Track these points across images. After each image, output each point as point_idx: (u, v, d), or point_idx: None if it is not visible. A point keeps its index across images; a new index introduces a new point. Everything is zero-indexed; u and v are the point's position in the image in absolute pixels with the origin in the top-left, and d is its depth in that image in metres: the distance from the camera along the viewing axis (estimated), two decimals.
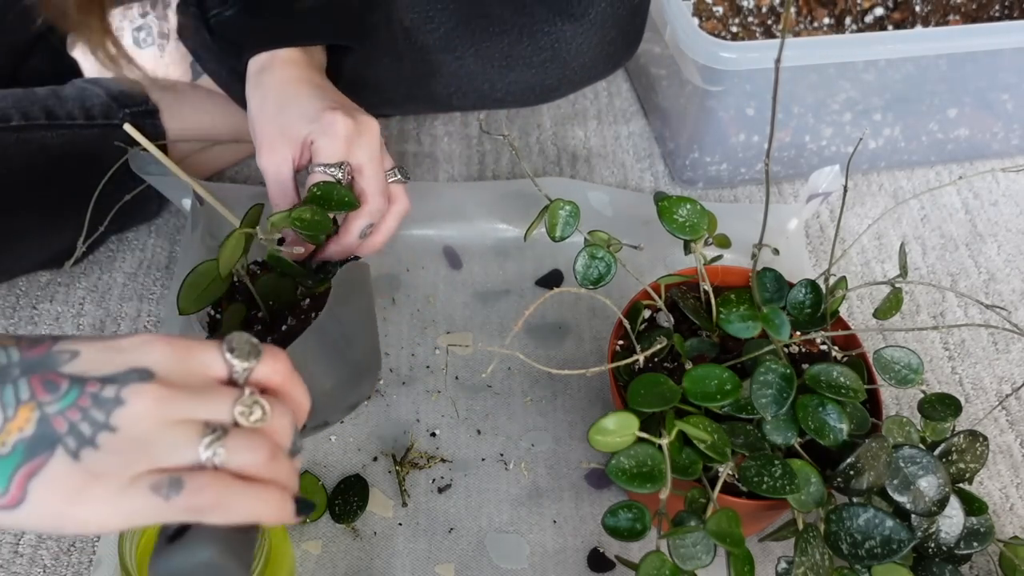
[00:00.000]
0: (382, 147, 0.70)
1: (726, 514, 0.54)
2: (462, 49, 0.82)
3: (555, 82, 0.86)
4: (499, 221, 0.91)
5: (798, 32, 1.00)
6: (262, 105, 0.69)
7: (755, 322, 0.61)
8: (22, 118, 0.77)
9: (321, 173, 0.67)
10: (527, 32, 0.82)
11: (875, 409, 0.66)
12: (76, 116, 0.80)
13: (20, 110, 0.77)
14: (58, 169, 0.79)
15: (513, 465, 0.76)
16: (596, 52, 0.84)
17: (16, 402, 0.38)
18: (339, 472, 0.75)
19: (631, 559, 0.57)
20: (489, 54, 0.82)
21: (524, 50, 0.82)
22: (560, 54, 0.82)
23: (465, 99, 0.88)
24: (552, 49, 0.82)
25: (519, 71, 0.84)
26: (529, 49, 0.82)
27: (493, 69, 0.83)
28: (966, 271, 0.93)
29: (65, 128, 0.79)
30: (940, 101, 0.95)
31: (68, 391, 0.39)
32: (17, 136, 0.76)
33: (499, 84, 0.85)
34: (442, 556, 0.71)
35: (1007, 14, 1.03)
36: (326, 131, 0.67)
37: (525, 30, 0.81)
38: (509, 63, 0.83)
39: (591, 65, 0.85)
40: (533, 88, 0.86)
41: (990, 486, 0.78)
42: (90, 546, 0.71)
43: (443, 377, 0.81)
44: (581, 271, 0.64)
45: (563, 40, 0.82)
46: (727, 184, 1.00)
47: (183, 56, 0.88)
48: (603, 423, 0.56)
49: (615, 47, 0.85)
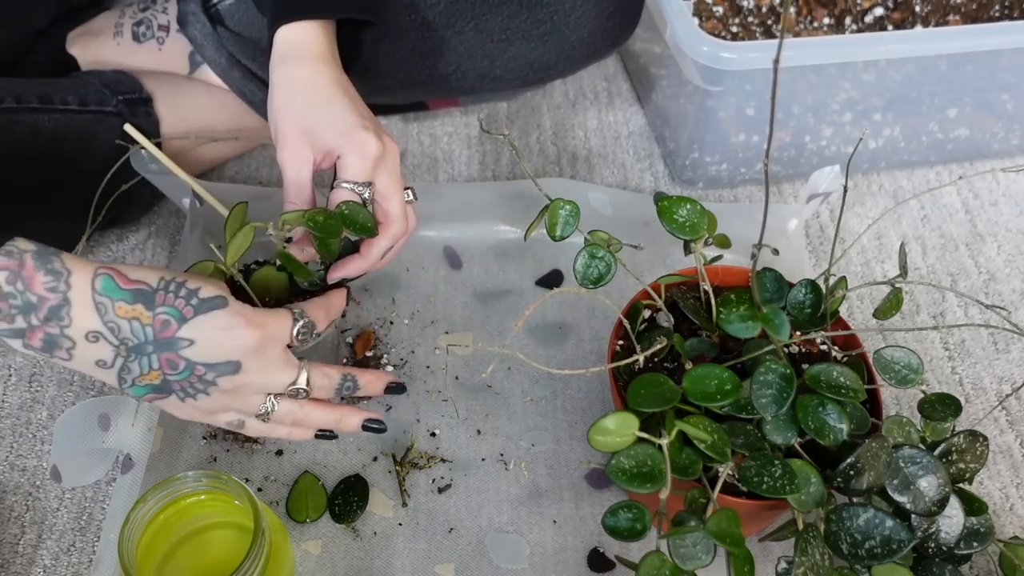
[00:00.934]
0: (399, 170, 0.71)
1: (726, 514, 0.54)
2: (462, 23, 0.83)
3: (553, 57, 0.86)
4: (499, 221, 0.91)
5: (798, 32, 1.00)
6: (289, 100, 0.69)
7: (755, 322, 0.61)
8: (15, 100, 0.77)
9: (349, 191, 0.67)
10: (526, 4, 0.83)
11: (875, 409, 0.66)
12: (70, 102, 0.80)
13: (13, 94, 0.77)
14: (50, 153, 0.79)
15: (513, 465, 0.76)
16: (594, 26, 0.85)
17: (150, 368, 0.56)
18: (339, 472, 0.75)
19: (631, 559, 0.57)
20: (488, 27, 0.83)
21: (523, 23, 0.83)
22: (559, 27, 0.83)
23: (464, 78, 0.88)
24: (551, 22, 0.83)
25: (518, 45, 0.84)
26: (528, 22, 0.83)
27: (492, 43, 0.84)
28: (966, 271, 0.93)
29: (58, 112, 0.79)
30: (940, 101, 0.95)
31: (183, 370, 0.57)
32: (9, 118, 0.76)
33: (498, 60, 0.86)
34: (442, 556, 0.71)
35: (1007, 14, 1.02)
36: (358, 150, 0.67)
37: (524, 2, 0.82)
38: (508, 36, 0.84)
39: (590, 41, 0.86)
40: (532, 64, 0.87)
41: (990, 486, 0.78)
42: (90, 546, 0.71)
43: (443, 377, 0.81)
44: (581, 271, 0.64)
45: (561, 12, 0.83)
46: (727, 184, 1.00)
47: (182, 50, 0.88)
48: (603, 423, 0.56)
49: (613, 22, 0.86)
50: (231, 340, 0.57)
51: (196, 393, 0.58)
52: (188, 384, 0.58)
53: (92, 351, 0.55)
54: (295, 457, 0.76)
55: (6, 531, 0.72)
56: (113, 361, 0.56)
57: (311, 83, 0.69)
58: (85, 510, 0.73)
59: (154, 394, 0.58)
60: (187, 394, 0.58)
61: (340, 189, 0.67)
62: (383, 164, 0.68)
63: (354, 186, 0.67)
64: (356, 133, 0.67)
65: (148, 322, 0.55)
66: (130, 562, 0.56)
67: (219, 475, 0.60)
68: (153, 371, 0.56)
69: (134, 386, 0.57)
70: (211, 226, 0.86)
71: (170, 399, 0.59)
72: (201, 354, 0.57)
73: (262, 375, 0.59)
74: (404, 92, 0.92)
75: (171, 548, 0.61)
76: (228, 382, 0.58)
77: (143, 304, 0.55)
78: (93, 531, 0.72)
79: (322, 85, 0.69)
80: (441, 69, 0.87)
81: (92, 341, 0.54)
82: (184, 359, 0.56)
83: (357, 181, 0.67)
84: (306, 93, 0.69)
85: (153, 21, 0.89)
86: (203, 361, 0.57)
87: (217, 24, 0.84)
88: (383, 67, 0.85)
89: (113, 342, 0.55)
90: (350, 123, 0.68)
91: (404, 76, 0.87)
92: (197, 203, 0.85)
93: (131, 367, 0.56)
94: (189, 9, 0.84)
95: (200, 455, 0.76)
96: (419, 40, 0.84)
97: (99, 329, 0.54)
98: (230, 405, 0.60)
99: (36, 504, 0.73)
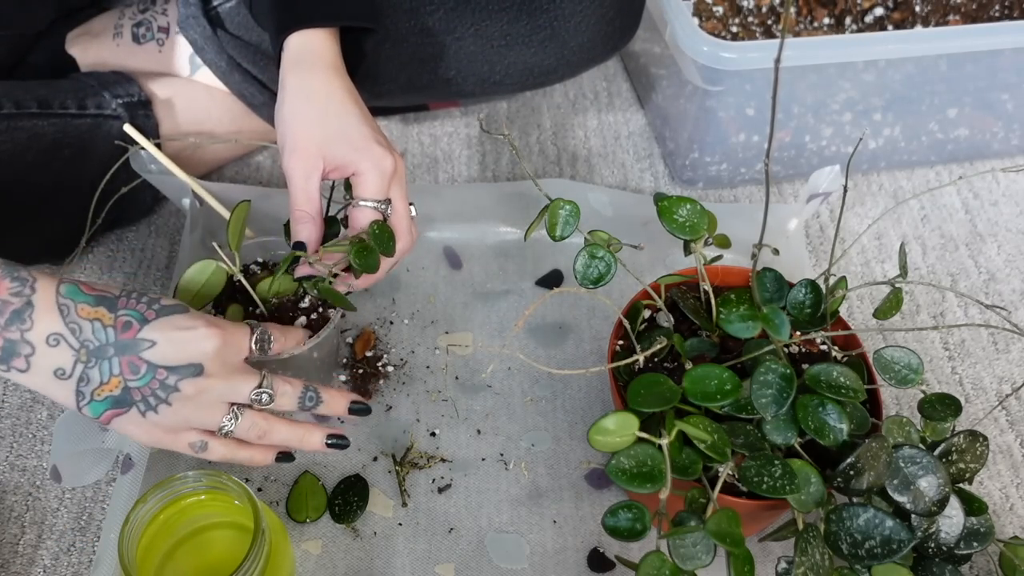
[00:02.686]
0: None
1: (726, 514, 0.54)
2: (462, 29, 0.83)
3: (553, 63, 0.86)
4: (499, 221, 0.91)
5: (798, 32, 1.00)
6: (302, 108, 0.68)
7: (755, 322, 0.61)
8: (14, 106, 0.77)
9: (372, 210, 0.68)
10: (526, 9, 0.82)
11: (875, 409, 0.66)
12: (68, 106, 0.80)
13: (12, 99, 0.77)
14: (50, 157, 0.79)
15: (513, 465, 0.76)
16: (594, 31, 0.85)
17: (110, 375, 0.56)
18: (339, 472, 0.75)
19: (631, 559, 0.57)
20: (488, 33, 0.83)
21: (523, 28, 0.83)
22: (559, 32, 0.83)
23: (464, 83, 0.88)
24: (551, 27, 0.83)
25: (518, 51, 0.84)
26: (528, 27, 0.83)
27: (492, 49, 0.84)
28: (966, 271, 0.93)
29: (57, 117, 0.79)
30: (940, 101, 0.95)
31: (145, 374, 0.56)
32: (8, 123, 0.76)
33: (498, 65, 0.86)
34: (442, 556, 0.71)
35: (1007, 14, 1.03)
36: (376, 167, 0.67)
37: (524, 7, 0.82)
38: (508, 42, 0.84)
39: (589, 46, 0.86)
40: (532, 70, 0.87)
41: (990, 486, 0.78)
42: (90, 546, 0.71)
43: (443, 377, 0.81)
44: (581, 271, 0.64)
45: (561, 18, 0.83)
46: (727, 184, 1.00)
47: (182, 51, 0.88)
48: (603, 423, 0.56)
49: (613, 27, 0.86)
50: (192, 340, 0.57)
51: (157, 404, 0.57)
52: (149, 392, 0.56)
53: (51, 357, 0.54)
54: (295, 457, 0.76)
55: (6, 531, 0.72)
56: (72, 369, 0.55)
57: (325, 93, 0.69)
58: (85, 510, 0.73)
59: (114, 409, 0.56)
60: (148, 405, 0.57)
61: (363, 208, 0.68)
62: (395, 180, 0.69)
63: (376, 204, 0.68)
64: (372, 148, 0.67)
65: (110, 323, 0.55)
66: (130, 562, 0.56)
67: (219, 475, 0.60)
68: (114, 378, 0.55)
69: (92, 402, 0.56)
70: (211, 226, 0.86)
71: (130, 413, 0.57)
72: (162, 356, 0.56)
73: (224, 380, 0.59)
74: (404, 97, 0.93)
75: (171, 548, 0.61)
76: (190, 386, 0.57)
77: (106, 307, 0.56)
78: (93, 531, 0.72)
79: (336, 96, 0.69)
80: (441, 74, 0.86)
81: (52, 345, 0.54)
82: (146, 362, 0.56)
83: (378, 199, 0.68)
84: (320, 102, 0.68)
85: (153, 23, 0.89)
86: (165, 363, 0.56)
87: (217, 27, 0.84)
88: (383, 72, 0.85)
89: (74, 345, 0.54)
90: (364, 137, 0.68)
91: (404, 81, 0.87)
92: (197, 203, 0.85)
93: (91, 375, 0.55)
94: (189, 12, 0.84)
95: None
96: (419, 46, 0.84)
97: (60, 331, 0.54)
98: (191, 419, 0.59)
99: (36, 504, 0.73)
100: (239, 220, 0.67)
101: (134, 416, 0.57)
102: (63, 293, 0.55)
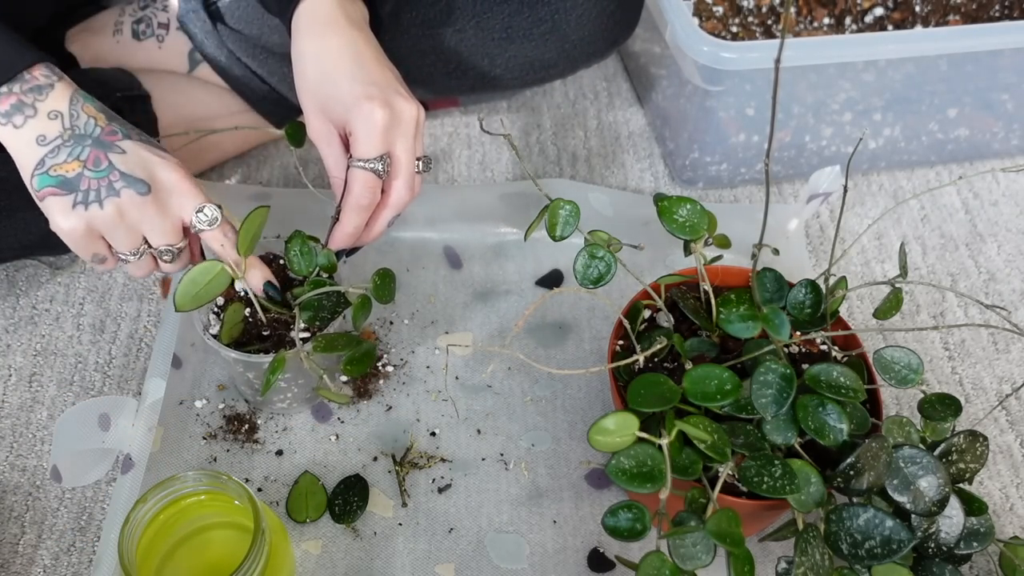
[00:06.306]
0: (418, 134, 0.69)
1: (726, 514, 0.54)
2: (463, 21, 0.82)
3: (554, 57, 0.86)
4: (499, 221, 0.91)
5: (798, 32, 1.00)
6: (301, 76, 0.69)
7: (755, 322, 0.61)
8: None
9: (360, 169, 0.67)
10: (527, 3, 0.82)
11: (875, 409, 0.66)
12: None
13: None
14: None
15: (513, 465, 0.76)
16: (595, 25, 0.85)
17: (75, 158, 0.62)
18: (339, 472, 0.75)
19: (631, 559, 0.57)
20: (489, 26, 0.83)
21: (524, 21, 0.83)
22: (559, 26, 0.83)
23: (464, 77, 0.88)
24: (551, 20, 0.83)
25: (518, 44, 0.84)
26: (529, 20, 0.83)
27: (493, 42, 0.84)
28: (966, 271, 0.93)
29: None
30: (940, 101, 0.95)
31: (103, 169, 0.62)
32: None
33: (499, 59, 0.85)
34: (442, 556, 0.71)
35: (1007, 14, 1.02)
36: (363, 123, 0.66)
37: (525, 0, 0.82)
38: (509, 35, 0.83)
39: (590, 40, 0.86)
40: (532, 64, 0.87)
41: (990, 486, 0.78)
42: (90, 546, 0.71)
43: (443, 377, 0.81)
44: (581, 271, 0.64)
45: (562, 11, 0.83)
46: (727, 184, 1.00)
47: (181, 48, 0.88)
48: (603, 423, 0.56)
49: (614, 20, 0.86)
50: (154, 163, 0.64)
51: (95, 201, 0.62)
52: (96, 186, 0.62)
53: (43, 125, 0.62)
54: (295, 457, 0.76)
55: (6, 531, 0.72)
56: (51, 140, 0.62)
57: (317, 55, 0.68)
58: (85, 510, 0.73)
59: (55, 188, 0.62)
60: (86, 199, 0.62)
61: (353, 168, 0.67)
62: (396, 131, 0.67)
63: (365, 163, 0.66)
64: (360, 106, 0.66)
65: (102, 125, 0.63)
66: (130, 562, 0.56)
67: (219, 475, 0.60)
68: (76, 161, 0.62)
69: (45, 174, 0.62)
70: None
71: (67, 198, 0.62)
72: (124, 163, 0.63)
73: (157, 212, 0.64)
74: None
75: (171, 548, 0.61)
76: (129, 199, 0.62)
77: (106, 115, 0.64)
78: (93, 531, 0.72)
79: (328, 55, 0.68)
80: (441, 67, 0.86)
81: (51, 119, 0.62)
82: (108, 160, 0.62)
83: (369, 157, 0.66)
84: (313, 66, 0.68)
85: (153, 19, 0.89)
86: (122, 169, 0.62)
87: (217, 22, 0.84)
88: None
89: (65, 124, 0.62)
90: (354, 94, 0.66)
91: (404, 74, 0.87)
92: None
93: (60, 151, 0.62)
94: (190, 6, 0.84)
95: (200, 455, 0.75)
96: (419, 38, 0.84)
97: (62, 111, 0.62)
98: (109, 232, 0.64)
99: (36, 504, 0.73)
100: (253, 226, 0.66)
101: (67, 202, 0.62)
102: (79, 91, 0.64)
